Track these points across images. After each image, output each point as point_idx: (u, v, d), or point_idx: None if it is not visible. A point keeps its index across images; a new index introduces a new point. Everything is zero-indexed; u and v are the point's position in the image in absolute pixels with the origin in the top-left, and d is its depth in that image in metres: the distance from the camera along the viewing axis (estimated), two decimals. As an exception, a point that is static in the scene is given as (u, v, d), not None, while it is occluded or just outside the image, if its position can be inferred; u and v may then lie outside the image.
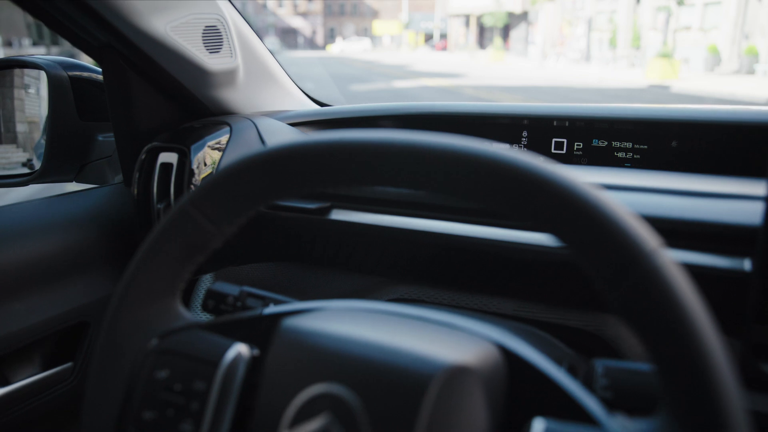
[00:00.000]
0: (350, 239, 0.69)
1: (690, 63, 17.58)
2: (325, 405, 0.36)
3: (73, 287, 0.74)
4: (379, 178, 0.39)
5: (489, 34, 36.74)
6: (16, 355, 0.69)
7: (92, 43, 0.73)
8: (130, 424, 0.43)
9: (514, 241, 0.60)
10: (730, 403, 0.29)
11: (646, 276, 0.31)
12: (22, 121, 1.25)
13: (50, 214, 0.76)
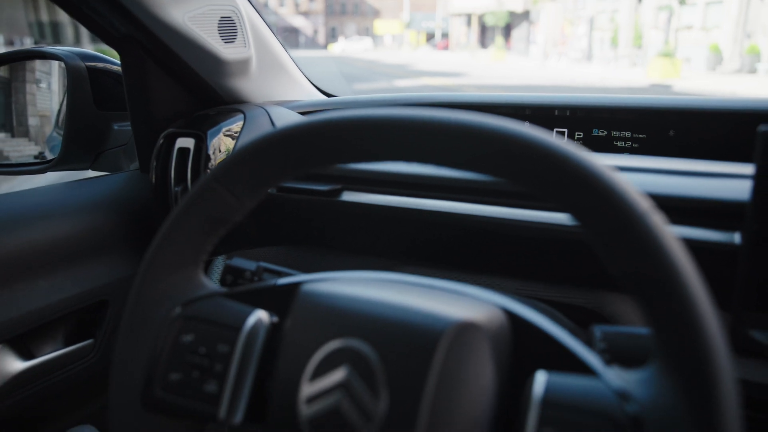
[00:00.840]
0: (360, 221, 0.72)
1: (692, 62, 17.58)
2: (343, 359, 0.39)
3: (94, 268, 0.77)
4: (397, 153, 0.42)
5: (490, 33, 36.75)
6: (40, 330, 0.72)
7: (113, 34, 0.76)
8: (157, 386, 0.46)
9: (520, 219, 0.63)
10: (717, 350, 0.32)
11: (640, 235, 0.34)
12: (34, 115, 1.28)
13: (71, 198, 0.80)
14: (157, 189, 0.78)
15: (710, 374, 0.31)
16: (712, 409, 0.31)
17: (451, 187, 0.67)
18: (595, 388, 0.35)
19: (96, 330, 0.78)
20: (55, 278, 0.73)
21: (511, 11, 33.13)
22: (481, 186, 0.67)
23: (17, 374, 0.69)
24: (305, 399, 0.40)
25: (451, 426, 0.37)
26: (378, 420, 0.37)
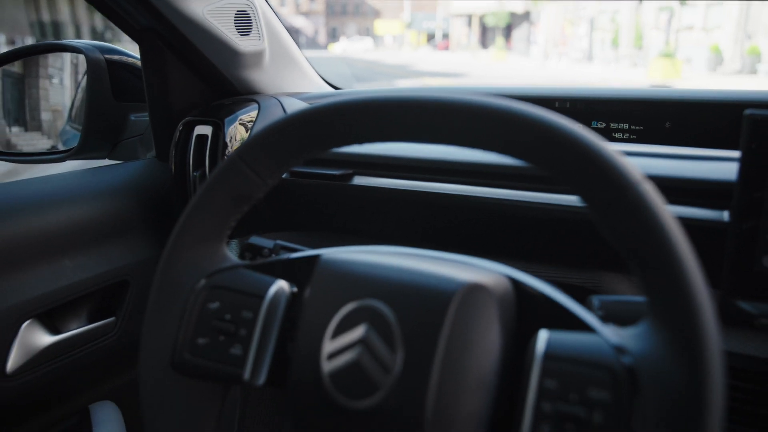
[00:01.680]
0: (372, 204, 0.76)
1: (692, 63, 17.62)
2: (362, 318, 0.43)
3: (115, 249, 0.81)
4: (408, 133, 0.46)
5: (491, 33, 36.79)
6: (65, 307, 0.76)
7: (134, 26, 0.80)
8: (186, 350, 0.49)
9: (523, 200, 0.67)
10: (703, 305, 0.35)
11: (633, 201, 0.38)
12: (46, 110, 1.32)
13: (94, 183, 0.83)
14: (176, 174, 0.82)
15: (697, 326, 0.35)
16: (698, 357, 0.34)
17: (456, 171, 0.71)
18: (593, 343, 0.39)
19: (117, 309, 0.82)
20: (80, 258, 0.77)
21: (512, 12, 33.18)
22: (485, 169, 0.70)
23: (45, 348, 0.73)
24: (326, 355, 0.43)
25: (461, 378, 0.41)
26: (395, 372, 0.41)
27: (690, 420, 0.33)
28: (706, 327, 0.35)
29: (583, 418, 0.36)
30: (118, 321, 0.81)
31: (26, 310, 0.70)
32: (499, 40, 27.80)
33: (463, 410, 0.41)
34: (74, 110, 1.28)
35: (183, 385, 0.51)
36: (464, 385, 0.41)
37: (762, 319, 0.53)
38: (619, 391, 0.36)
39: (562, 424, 0.37)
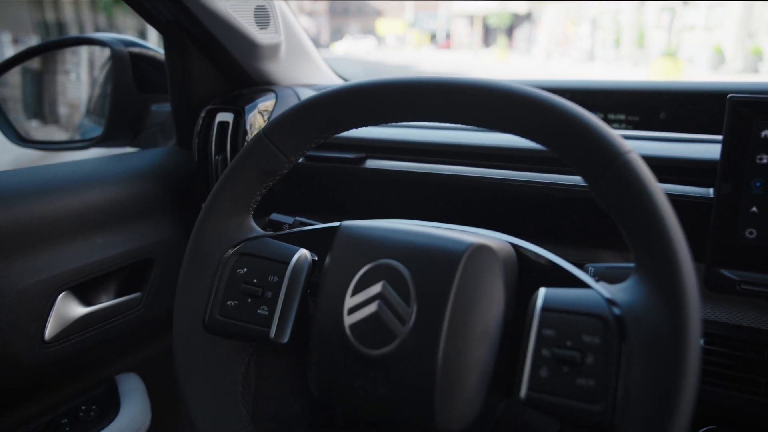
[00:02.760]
0: (383, 186, 0.81)
1: (694, 62, 17.63)
2: (380, 275, 0.48)
3: (141, 229, 0.86)
4: (420, 112, 0.51)
5: (493, 34, 36.80)
6: (96, 281, 0.81)
7: (160, 19, 0.85)
8: (216, 312, 0.55)
9: (526, 180, 0.72)
10: (683, 257, 0.40)
11: (620, 168, 0.43)
12: (63, 104, 1.38)
13: (121, 167, 0.89)
14: (199, 158, 0.87)
15: (678, 275, 0.40)
16: (679, 302, 0.39)
17: (462, 153, 0.77)
18: (587, 296, 0.44)
19: (143, 285, 0.87)
20: (109, 236, 0.82)
21: (515, 13, 33.19)
22: (490, 151, 0.76)
23: (77, 319, 0.78)
24: (348, 310, 0.48)
25: (468, 329, 0.46)
26: (410, 323, 0.46)
27: (671, 357, 0.38)
28: (685, 276, 0.40)
29: (577, 361, 0.41)
30: (144, 296, 0.87)
31: (62, 282, 0.75)
32: (501, 39, 27.85)
33: (471, 357, 0.46)
34: (92, 103, 1.34)
35: (213, 344, 0.55)
36: (472, 335, 0.46)
37: (743, 284, 0.58)
38: (609, 337, 0.41)
39: (559, 367, 0.42)
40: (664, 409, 0.38)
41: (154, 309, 0.89)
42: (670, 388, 0.38)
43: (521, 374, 0.43)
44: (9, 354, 0.71)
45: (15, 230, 0.71)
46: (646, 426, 0.38)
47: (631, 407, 0.39)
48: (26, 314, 0.72)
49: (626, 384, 0.39)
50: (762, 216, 0.57)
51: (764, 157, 0.57)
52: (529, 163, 0.73)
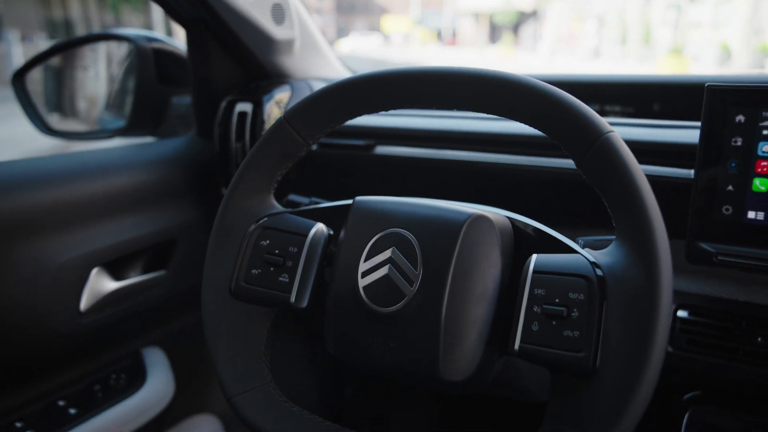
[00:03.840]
0: (392, 171, 0.87)
1: (700, 59, 17.55)
2: (390, 242, 0.54)
3: (164, 211, 0.93)
4: (424, 99, 0.57)
5: (499, 31, 36.75)
6: (125, 259, 0.88)
7: (183, 16, 0.92)
8: (242, 279, 0.61)
9: (523, 164, 0.78)
10: (656, 221, 0.46)
11: (603, 146, 0.48)
12: (83, 99, 1.44)
13: (146, 155, 0.95)
14: (220, 145, 0.94)
15: (652, 238, 0.45)
16: (652, 261, 0.45)
17: (464, 139, 0.83)
18: (574, 260, 0.50)
19: (167, 263, 0.94)
20: (137, 217, 0.89)
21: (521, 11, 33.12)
22: (490, 138, 0.82)
23: (109, 293, 0.85)
24: (361, 273, 0.54)
25: (469, 289, 0.52)
26: (417, 284, 0.52)
27: (646, 310, 0.44)
28: (658, 240, 0.45)
29: (564, 315, 0.47)
30: (168, 274, 0.93)
31: (95, 258, 0.82)
32: (507, 37, 27.82)
33: (471, 315, 0.52)
34: (112, 97, 1.40)
35: (238, 309, 0.61)
36: (471, 295, 0.52)
37: (719, 256, 0.64)
38: (592, 294, 0.47)
39: (548, 321, 0.48)
40: (639, 354, 0.44)
41: (177, 286, 0.95)
42: (645, 337, 0.43)
43: (515, 329, 0.49)
44: (49, 323, 0.77)
45: (54, 210, 0.78)
46: (624, 369, 0.44)
47: (610, 354, 0.45)
48: (64, 287, 0.79)
49: (606, 334, 0.45)
50: (737, 194, 0.63)
51: (738, 139, 0.62)
52: (526, 148, 0.79)
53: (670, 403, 0.81)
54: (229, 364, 0.60)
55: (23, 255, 0.74)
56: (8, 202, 0.73)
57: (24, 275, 0.74)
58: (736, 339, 0.71)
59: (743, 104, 0.62)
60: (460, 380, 0.52)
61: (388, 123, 0.89)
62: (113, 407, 0.84)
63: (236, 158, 0.92)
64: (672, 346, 0.75)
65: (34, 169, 0.78)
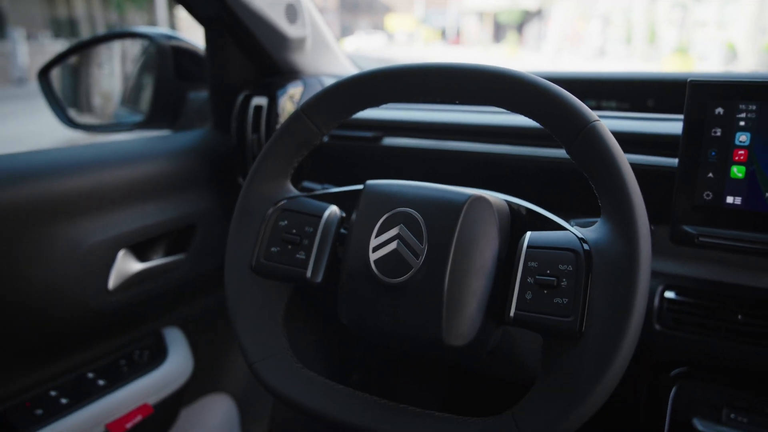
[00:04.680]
0: (398, 161, 0.93)
1: (706, 59, 17.51)
2: (398, 220, 0.60)
3: (185, 199, 0.99)
4: (427, 93, 0.62)
5: (503, 30, 36.73)
6: (147, 242, 0.94)
7: (202, 14, 0.97)
8: (262, 256, 0.66)
9: (521, 154, 0.84)
10: (636, 200, 0.51)
11: (589, 133, 0.54)
12: (98, 95, 1.50)
13: (167, 146, 1.01)
14: (237, 137, 1.00)
15: (632, 215, 0.51)
16: (632, 235, 0.50)
17: (465, 131, 0.88)
18: (564, 236, 0.55)
19: (187, 247, 1.00)
20: (159, 204, 0.95)
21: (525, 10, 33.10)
22: (489, 130, 0.87)
23: (134, 274, 0.91)
24: (372, 249, 0.60)
25: (469, 263, 0.57)
26: (423, 257, 0.57)
27: (626, 278, 0.49)
28: (638, 218, 0.51)
29: (554, 285, 0.53)
30: (187, 257, 0.99)
31: (121, 240, 0.88)
32: (511, 36, 27.85)
33: (471, 286, 0.57)
34: (127, 93, 1.47)
35: (259, 284, 0.67)
36: (471, 268, 0.57)
37: (701, 237, 0.69)
38: (579, 265, 0.52)
39: (540, 290, 0.53)
40: (621, 318, 0.49)
41: (195, 269, 1.01)
42: (625, 303, 0.49)
43: (511, 298, 0.54)
44: (81, 300, 0.84)
45: (85, 196, 0.84)
46: (606, 332, 0.49)
47: (594, 318, 0.50)
48: (94, 266, 0.85)
49: (591, 301, 0.51)
50: (716, 180, 0.68)
51: (718, 130, 0.68)
52: (522, 139, 0.85)
53: (658, 379, 0.87)
54: (251, 334, 0.65)
55: (58, 236, 0.81)
56: (45, 187, 0.79)
57: (59, 255, 0.80)
58: (719, 317, 0.76)
59: (722, 97, 0.67)
60: (461, 345, 0.57)
61: (395, 116, 0.94)
62: (137, 380, 0.90)
63: (252, 149, 0.98)
64: (660, 325, 0.80)
65: (67, 158, 0.84)
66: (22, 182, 0.77)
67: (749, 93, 0.66)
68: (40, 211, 0.79)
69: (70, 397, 0.84)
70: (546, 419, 0.50)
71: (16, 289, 0.77)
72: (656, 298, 0.81)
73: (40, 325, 0.81)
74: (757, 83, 0.65)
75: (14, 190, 0.76)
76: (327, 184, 0.82)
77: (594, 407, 0.49)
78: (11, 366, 0.81)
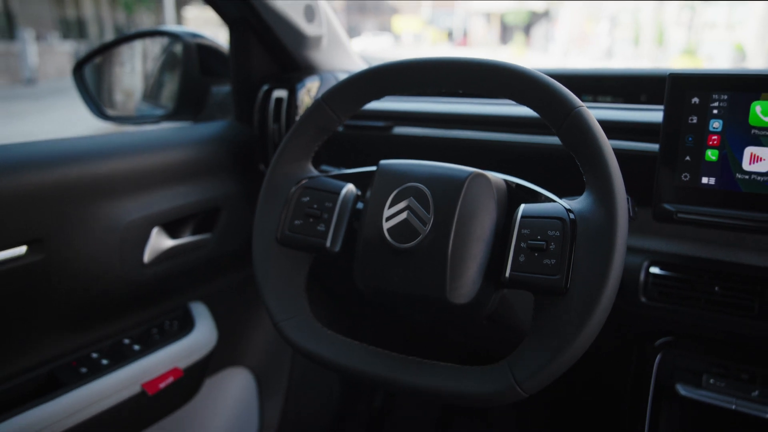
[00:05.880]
0: (408, 149, 1.01)
1: (715, 60, 17.46)
2: (408, 194, 0.68)
3: (210, 183, 1.08)
4: (432, 84, 0.70)
5: (510, 31, 36.72)
6: (178, 222, 1.03)
7: (228, 15, 1.06)
8: (286, 229, 0.75)
9: (521, 141, 0.92)
10: (615, 174, 0.59)
11: (575, 117, 0.62)
12: (120, 92, 1.60)
13: (195, 134, 1.10)
14: (259, 127, 1.09)
15: (610, 186, 0.59)
16: (610, 203, 0.58)
17: (472, 121, 0.97)
18: (553, 207, 0.63)
19: (213, 228, 1.09)
20: (188, 187, 1.04)
21: (533, 11, 33.08)
22: (491, 119, 0.96)
23: (166, 249, 1.00)
24: (385, 218, 0.68)
25: (470, 231, 0.65)
26: (429, 225, 0.65)
27: (605, 241, 0.57)
28: (616, 189, 0.59)
29: (544, 248, 0.61)
30: (213, 237, 1.08)
31: (155, 219, 0.97)
32: (518, 37, 27.87)
33: (472, 251, 0.65)
34: (148, 90, 1.56)
35: (284, 253, 0.75)
36: (472, 235, 0.65)
37: (679, 214, 0.77)
38: (565, 231, 0.60)
39: (531, 253, 0.61)
40: (600, 276, 0.57)
41: (220, 249, 1.10)
42: (604, 262, 0.57)
43: (506, 261, 0.62)
44: (120, 271, 0.93)
45: (123, 177, 0.93)
46: (588, 287, 0.57)
47: (578, 275, 0.58)
48: (132, 241, 0.94)
49: (575, 261, 0.58)
50: (693, 163, 0.76)
51: (694, 118, 0.75)
52: (521, 127, 0.93)
53: (644, 349, 0.94)
54: (276, 297, 0.73)
55: (101, 213, 0.90)
56: (89, 169, 0.88)
57: (101, 230, 0.89)
58: (698, 289, 0.84)
59: (698, 88, 0.75)
60: (463, 303, 0.65)
61: (405, 107, 1.03)
62: (168, 346, 0.99)
63: (273, 138, 1.07)
64: (645, 297, 0.88)
65: (108, 144, 0.93)
66: (70, 164, 0.86)
67: (721, 84, 0.73)
68: (86, 190, 0.88)
69: (110, 359, 0.93)
70: (536, 364, 0.57)
71: (67, 259, 0.86)
72: (642, 273, 0.88)
73: (86, 294, 0.90)
74: (728, 76, 0.73)
75: (64, 170, 0.85)
76: (343, 168, 0.91)
77: (579, 352, 0.56)
78: (61, 329, 0.90)
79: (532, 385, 0.57)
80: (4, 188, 0.77)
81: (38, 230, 0.82)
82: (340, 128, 1.08)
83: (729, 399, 0.84)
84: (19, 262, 0.81)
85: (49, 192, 0.83)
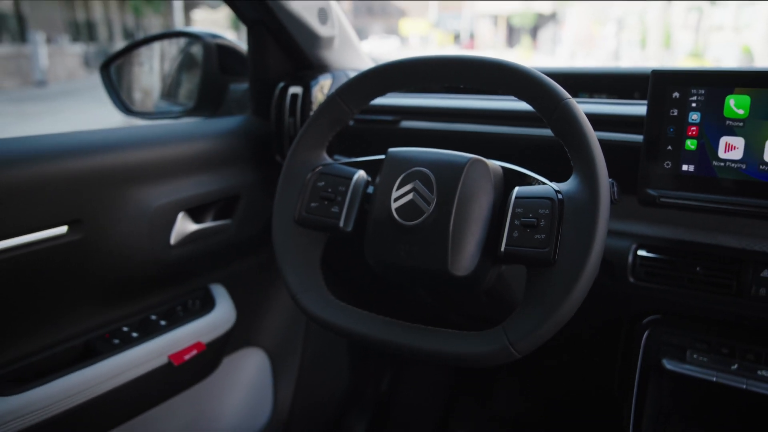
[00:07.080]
0: (415, 142, 1.09)
1: (722, 62, 17.42)
2: (414, 177, 0.75)
3: (231, 172, 1.16)
4: (437, 80, 0.78)
5: (517, 34, 36.74)
6: (201, 207, 1.11)
7: (247, 17, 1.15)
8: (303, 210, 0.82)
9: (515, 133, 0.99)
10: (598, 158, 0.66)
11: (564, 109, 0.69)
12: (139, 90, 1.68)
13: (216, 127, 1.19)
14: (276, 121, 1.17)
15: (594, 169, 0.66)
16: (594, 184, 0.65)
17: (474, 115, 1.04)
18: (544, 188, 0.70)
19: (233, 214, 1.17)
20: (210, 176, 1.12)
21: (539, 13, 33.10)
22: (492, 113, 1.03)
23: (190, 233, 1.08)
24: (393, 199, 0.76)
25: (469, 211, 0.72)
26: (433, 204, 0.73)
27: (589, 218, 0.64)
28: (599, 171, 0.66)
29: (535, 225, 0.68)
30: (233, 223, 1.17)
31: (181, 204, 1.05)
32: (525, 39, 27.93)
33: (471, 228, 0.72)
34: (166, 88, 1.65)
35: (301, 233, 0.82)
36: (471, 215, 0.72)
37: (662, 198, 0.84)
38: (554, 209, 0.67)
39: (524, 230, 0.68)
40: (584, 248, 0.64)
41: (239, 234, 1.18)
42: (588, 236, 0.64)
43: (502, 237, 0.70)
44: (150, 251, 1.01)
45: (152, 165, 1.02)
46: (573, 258, 0.64)
47: (565, 248, 0.65)
48: (160, 224, 1.02)
49: (563, 235, 0.66)
50: (674, 152, 0.83)
51: (675, 110, 0.83)
52: (518, 121, 1.01)
53: (633, 327, 1.01)
54: (294, 272, 0.80)
55: (132, 198, 0.98)
56: (121, 157, 0.97)
57: (132, 213, 0.98)
58: (681, 270, 0.91)
59: (678, 84, 0.82)
60: (463, 275, 0.72)
61: (411, 103, 1.11)
62: (191, 322, 1.07)
63: (289, 131, 1.15)
64: (633, 278, 0.95)
65: (138, 135, 1.02)
66: (106, 153, 0.95)
67: (699, 80, 0.81)
68: (119, 176, 0.96)
69: (139, 332, 1.02)
70: (528, 327, 0.64)
71: (102, 239, 0.94)
72: (630, 255, 0.95)
73: (118, 271, 0.98)
74: (705, 72, 0.80)
75: (101, 159, 0.93)
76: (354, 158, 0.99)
77: (566, 316, 0.63)
78: (96, 304, 0.98)
79: (525, 346, 0.64)
80: (49, 173, 0.86)
81: (78, 212, 0.90)
82: (351, 122, 1.15)
83: (711, 372, 0.90)
84: (61, 240, 0.89)
85: (88, 178, 0.91)
